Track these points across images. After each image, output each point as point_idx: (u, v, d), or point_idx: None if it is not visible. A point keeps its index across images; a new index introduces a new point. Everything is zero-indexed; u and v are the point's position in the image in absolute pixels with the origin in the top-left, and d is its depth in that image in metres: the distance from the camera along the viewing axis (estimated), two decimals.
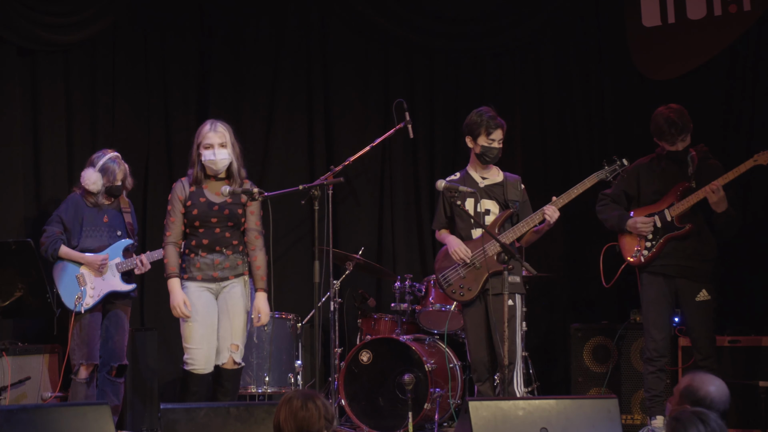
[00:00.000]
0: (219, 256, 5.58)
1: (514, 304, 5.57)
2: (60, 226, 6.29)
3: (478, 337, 5.65)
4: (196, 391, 5.52)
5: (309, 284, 5.63)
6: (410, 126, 6.99)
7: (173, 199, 5.63)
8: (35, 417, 4.06)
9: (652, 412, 5.94)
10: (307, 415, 3.39)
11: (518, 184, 5.81)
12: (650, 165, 6.07)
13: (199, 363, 5.52)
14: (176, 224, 5.60)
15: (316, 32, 7.83)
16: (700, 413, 3.11)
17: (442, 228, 5.89)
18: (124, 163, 6.38)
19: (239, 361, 5.61)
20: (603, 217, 6.20)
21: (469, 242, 5.71)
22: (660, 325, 5.95)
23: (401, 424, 6.25)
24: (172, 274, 5.57)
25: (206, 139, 5.59)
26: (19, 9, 6.70)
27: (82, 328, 6.17)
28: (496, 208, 5.75)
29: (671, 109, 5.95)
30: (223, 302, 5.61)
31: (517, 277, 5.63)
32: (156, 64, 7.50)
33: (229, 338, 5.58)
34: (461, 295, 5.71)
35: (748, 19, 6.87)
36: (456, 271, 5.71)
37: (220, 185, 5.57)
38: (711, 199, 5.77)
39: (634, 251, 6.02)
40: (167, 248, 5.61)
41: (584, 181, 5.74)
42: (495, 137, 5.69)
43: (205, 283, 5.58)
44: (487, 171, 5.80)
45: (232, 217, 5.59)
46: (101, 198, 6.32)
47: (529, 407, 4.40)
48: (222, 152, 5.56)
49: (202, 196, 5.59)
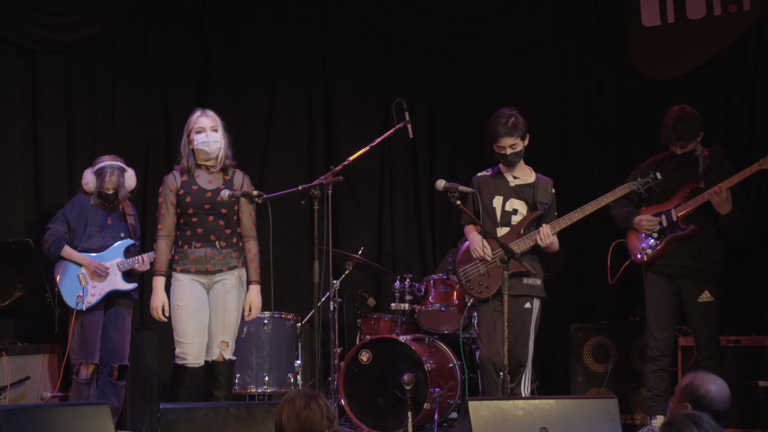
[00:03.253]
0: (212, 249, 5.57)
1: (531, 307, 5.57)
2: (65, 225, 6.30)
3: (491, 335, 5.62)
4: (189, 386, 5.53)
5: (309, 284, 5.63)
6: (410, 126, 6.99)
7: (165, 191, 5.62)
8: (35, 417, 4.06)
9: (653, 412, 5.94)
10: (310, 415, 3.39)
11: (549, 187, 5.78)
12: (662, 164, 6.07)
13: (191, 357, 5.53)
14: (168, 216, 5.60)
15: (315, 32, 7.83)
16: (693, 416, 3.11)
17: (470, 223, 5.86)
18: (125, 177, 6.35)
19: (230, 357, 5.62)
20: (613, 213, 6.22)
21: (491, 241, 5.68)
22: (662, 325, 5.95)
23: (401, 424, 6.25)
24: (158, 272, 5.58)
25: (197, 123, 5.60)
26: (19, 9, 6.70)
27: (83, 327, 6.18)
28: (524, 209, 5.72)
29: (684, 112, 5.92)
30: (215, 297, 5.60)
31: (537, 279, 5.63)
32: (156, 65, 7.50)
33: (220, 335, 5.57)
34: (479, 292, 5.69)
35: (748, 19, 6.86)
36: (476, 268, 5.70)
37: (211, 174, 5.57)
38: (714, 200, 5.77)
39: (638, 249, 6.03)
40: (159, 242, 5.61)
41: (615, 191, 5.75)
42: (504, 144, 5.68)
43: (198, 276, 5.57)
44: (519, 170, 5.78)
45: (224, 204, 5.57)
46: (93, 199, 6.33)
47: (529, 407, 4.40)
48: (214, 135, 5.57)
49: (194, 184, 5.59)
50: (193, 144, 5.59)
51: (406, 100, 7.05)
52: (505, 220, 5.69)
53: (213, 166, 5.62)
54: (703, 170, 5.94)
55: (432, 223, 7.79)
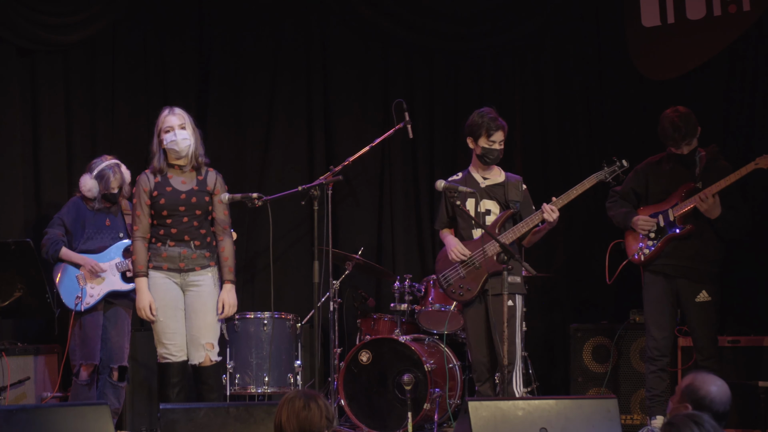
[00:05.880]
0: (186, 248, 5.56)
1: (515, 305, 5.56)
2: (62, 229, 6.31)
3: (478, 338, 5.64)
4: (177, 382, 5.54)
5: (308, 284, 5.64)
6: (410, 126, 6.98)
7: (138, 192, 5.60)
8: (35, 417, 4.07)
9: (652, 412, 5.94)
10: (309, 415, 3.39)
11: (519, 185, 5.81)
12: (659, 164, 6.08)
13: (174, 354, 5.54)
14: (143, 217, 5.58)
15: (315, 32, 7.83)
16: (694, 416, 3.11)
17: (444, 228, 5.89)
18: (123, 172, 6.36)
19: (216, 358, 5.61)
20: (611, 214, 6.22)
21: (469, 242, 5.71)
22: (661, 325, 5.95)
23: (401, 424, 6.25)
24: (140, 273, 5.57)
25: (165, 122, 5.57)
26: (18, 9, 6.70)
27: (82, 328, 6.17)
28: (496, 209, 5.75)
29: (678, 112, 5.93)
30: (193, 299, 5.59)
31: (517, 277, 5.63)
32: (155, 65, 7.50)
33: (202, 337, 5.57)
34: (461, 295, 5.71)
35: (747, 19, 6.86)
36: (456, 271, 5.71)
37: (184, 174, 5.56)
38: (701, 208, 5.78)
39: (636, 250, 6.03)
40: (136, 244, 5.59)
41: (583, 182, 5.74)
42: (496, 138, 5.69)
43: (170, 273, 5.57)
44: (488, 171, 5.80)
45: (199, 206, 5.57)
46: (98, 203, 6.33)
47: (529, 407, 4.40)
48: (183, 133, 5.54)
49: (168, 186, 5.57)
50: (163, 144, 5.58)
51: (406, 101, 7.04)
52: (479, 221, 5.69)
53: (185, 165, 5.60)
54: (700, 170, 5.94)
55: (432, 224, 7.78)
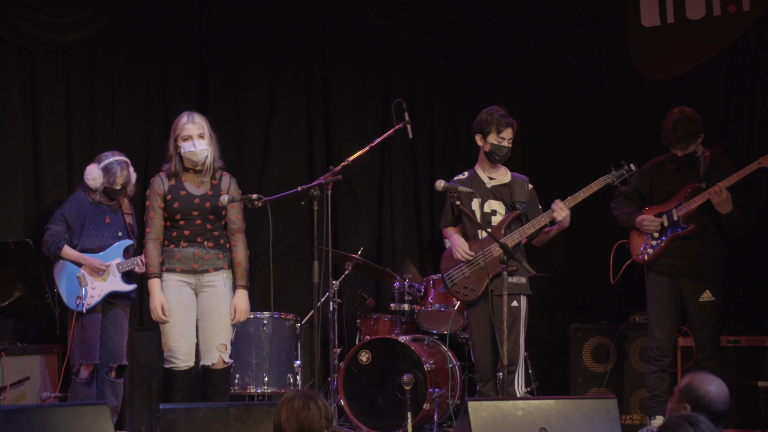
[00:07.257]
0: (200, 248, 5.59)
1: (519, 305, 5.57)
2: (63, 225, 6.29)
3: (482, 338, 5.63)
4: (180, 388, 5.57)
5: (308, 284, 5.64)
6: (409, 126, 6.99)
7: (152, 194, 5.64)
8: (35, 417, 4.06)
9: (653, 412, 5.94)
10: (309, 415, 3.40)
11: (526, 185, 5.80)
12: (664, 164, 6.09)
13: (180, 360, 5.57)
14: (156, 220, 5.62)
15: (315, 32, 7.82)
16: (689, 417, 3.11)
17: (449, 226, 5.89)
18: (130, 171, 6.35)
19: (228, 360, 5.63)
20: (615, 214, 6.24)
21: (474, 242, 5.70)
22: (663, 324, 5.96)
23: (400, 424, 6.25)
24: (153, 275, 5.60)
25: (184, 131, 5.60)
26: (18, 9, 6.70)
27: (83, 328, 6.17)
28: (502, 209, 5.74)
29: (683, 114, 5.94)
30: (207, 301, 5.61)
31: (522, 278, 5.62)
32: (155, 64, 7.49)
33: (216, 338, 5.58)
34: (465, 295, 5.70)
35: (747, 19, 6.86)
36: (460, 271, 5.71)
37: (199, 178, 5.58)
38: (714, 200, 5.78)
39: (640, 249, 6.03)
40: (148, 246, 5.63)
41: (591, 185, 5.74)
42: (505, 136, 5.70)
43: (184, 275, 5.59)
44: (494, 171, 5.79)
45: (213, 210, 5.60)
46: (99, 196, 6.32)
47: (529, 407, 4.40)
48: (201, 143, 5.58)
49: (182, 189, 5.60)
50: (180, 150, 5.59)
51: (406, 100, 7.04)
52: (484, 222, 5.69)
53: (200, 171, 5.62)
54: (704, 170, 5.96)
55: (432, 224, 7.78)
